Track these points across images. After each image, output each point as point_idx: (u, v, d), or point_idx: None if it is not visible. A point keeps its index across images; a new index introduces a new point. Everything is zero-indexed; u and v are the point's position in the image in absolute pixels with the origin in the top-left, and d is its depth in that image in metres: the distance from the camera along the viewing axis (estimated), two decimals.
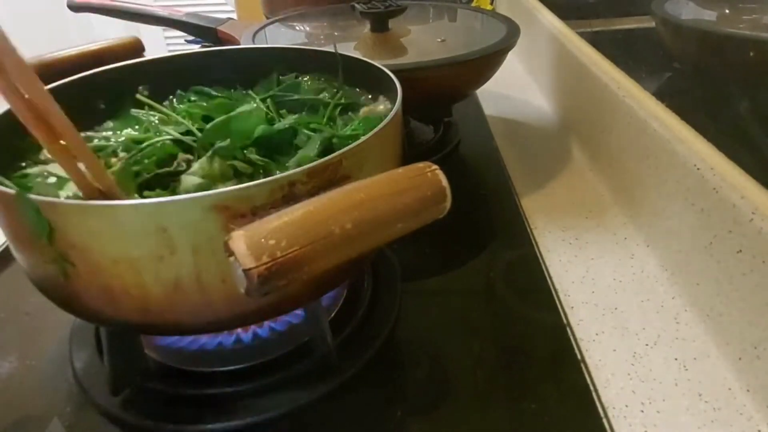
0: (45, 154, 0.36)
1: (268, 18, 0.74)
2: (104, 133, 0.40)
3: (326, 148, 0.36)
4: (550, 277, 0.47)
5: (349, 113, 0.43)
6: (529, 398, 0.36)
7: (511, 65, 0.95)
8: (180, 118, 0.39)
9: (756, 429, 0.34)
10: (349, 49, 0.62)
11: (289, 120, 0.37)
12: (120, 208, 0.27)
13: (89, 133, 0.40)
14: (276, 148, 0.37)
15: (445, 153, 0.67)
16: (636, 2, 0.73)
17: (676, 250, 0.45)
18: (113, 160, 0.35)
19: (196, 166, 0.34)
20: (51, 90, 0.40)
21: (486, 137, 0.72)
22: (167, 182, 0.34)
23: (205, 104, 0.43)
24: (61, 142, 0.26)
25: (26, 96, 0.24)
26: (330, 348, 0.37)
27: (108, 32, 0.65)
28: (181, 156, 0.35)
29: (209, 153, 0.34)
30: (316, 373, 0.37)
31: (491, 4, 1.16)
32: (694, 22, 0.62)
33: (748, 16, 0.56)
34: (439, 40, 0.63)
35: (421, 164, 0.28)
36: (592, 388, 0.37)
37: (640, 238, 0.51)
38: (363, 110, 0.43)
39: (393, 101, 0.36)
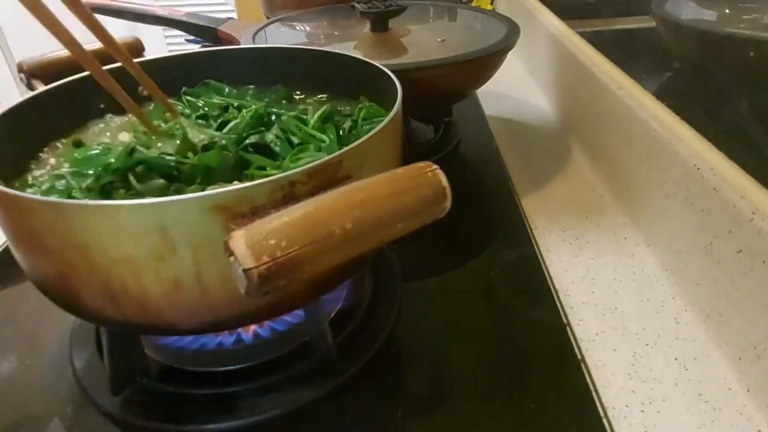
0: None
1: (268, 18, 0.74)
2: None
3: None
4: (550, 277, 0.47)
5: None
6: (529, 398, 0.36)
7: (511, 65, 0.95)
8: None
9: (756, 429, 0.34)
10: (349, 49, 0.61)
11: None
12: (120, 207, 0.27)
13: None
14: None
15: (445, 153, 0.67)
16: (636, 2, 0.73)
17: (676, 250, 0.45)
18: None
19: None
20: (51, 90, 0.40)
21: (486, 137, 0.72)
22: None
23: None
24: None
25: None
26: (330, 348, 0.37)
27: None
28: None
29: None
30: (316, 373, 0.37)
31: (491, 4, 1.16)
32: (694, 22, 0.62)
33: (748, 16, 0.56)
34: (439, 40, 0.63)
35: (421, 164, 0.28)
36: (592, 388, 0.37)
37: (640, 238, 0.51)
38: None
39: (393, 101, 0.36)
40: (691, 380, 0.37)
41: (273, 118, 0.42)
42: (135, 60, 0.45)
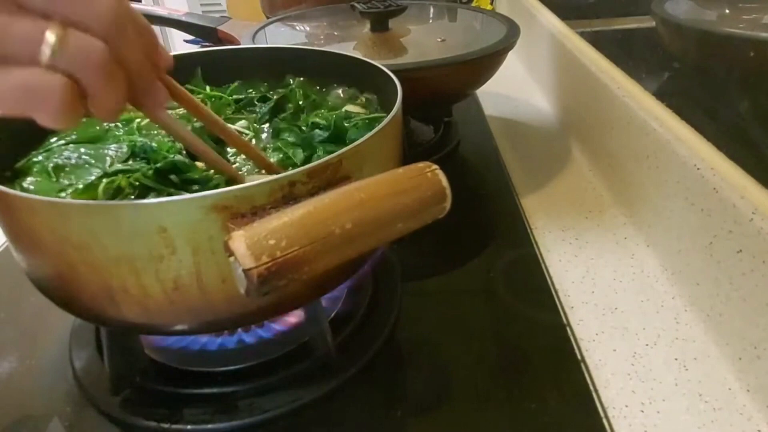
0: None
1: (268, 18, 0.74)
2: None
3: None
4: (550, 277, 0.47)
5: None
6: (529, 398, 0.36)
7: (511, 65, 0.95)
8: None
9: (756, 429, 0.34)
10: (349, 49, 0.61)
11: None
12: (120, 208, 0.27)
13: None
14: None
15: (445, 153, 0.67)
16: (636, 2, 0.73)
17: (676, 250, 0.45)
18: None
19: None
20: None
21: (486, 137, 0.72)
22: None
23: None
24: None
25: None
26: (330, 348, 0.37)
27: None
28: None
29: None
30: (316, 373, 0.37)
31: (491, 4, 1.16)
32: (694, 22, 0.61)
33: (748, 16, 0.56)
34: (439, 40, 0.63)
35: (421, 164, 0.28)
36: (592, 388, 0.37)
37: (640, 238, 0.51)
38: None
39: (393, 101, 0.36)
40: (691, 380, 0.37)
41: None
42: None
